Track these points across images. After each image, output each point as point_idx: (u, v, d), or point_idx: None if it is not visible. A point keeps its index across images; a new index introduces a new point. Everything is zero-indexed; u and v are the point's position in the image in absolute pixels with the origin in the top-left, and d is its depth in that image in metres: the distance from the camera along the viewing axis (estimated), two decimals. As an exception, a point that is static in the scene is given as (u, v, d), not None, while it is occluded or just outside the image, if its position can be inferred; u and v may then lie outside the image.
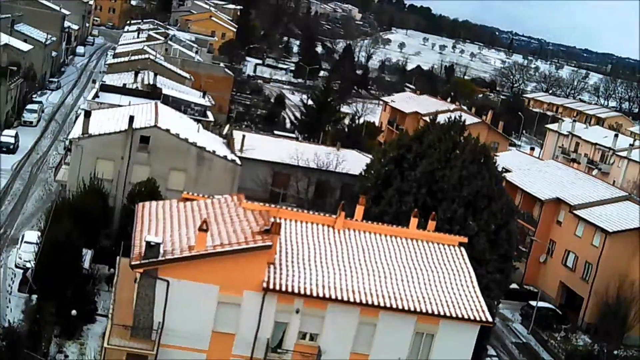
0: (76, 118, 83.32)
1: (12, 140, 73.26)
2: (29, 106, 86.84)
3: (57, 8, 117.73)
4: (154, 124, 56.26)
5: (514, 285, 64.74)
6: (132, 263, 34.73)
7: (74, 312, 43.04)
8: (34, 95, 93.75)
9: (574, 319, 63.14)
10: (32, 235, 51.73)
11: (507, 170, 59.29)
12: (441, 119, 58.56)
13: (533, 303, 61.82)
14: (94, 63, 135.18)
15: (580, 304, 63.56)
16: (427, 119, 59.00)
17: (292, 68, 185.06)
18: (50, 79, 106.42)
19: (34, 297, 45.28)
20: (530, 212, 70.56)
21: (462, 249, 41.03)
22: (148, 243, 34.57)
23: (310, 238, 38.98)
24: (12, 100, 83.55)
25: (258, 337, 35.54)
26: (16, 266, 50.31)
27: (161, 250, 35.04)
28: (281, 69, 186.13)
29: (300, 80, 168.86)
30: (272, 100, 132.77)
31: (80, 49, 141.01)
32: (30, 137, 78.97)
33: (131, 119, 55.22)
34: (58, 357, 41.39)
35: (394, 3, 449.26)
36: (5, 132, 74.76)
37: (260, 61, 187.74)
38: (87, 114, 56.46)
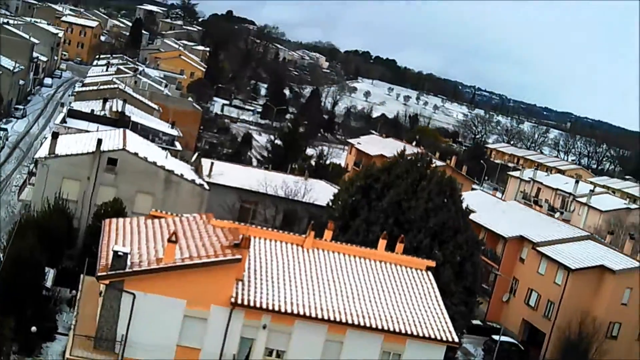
0: (41, 145, 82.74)
1: (-26, 163, 72.34)
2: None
3: (27, 36, 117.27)
4: (122, 147, 56.07)
5: (476, 322, 64.98)
6: (99, 274, 34.27)
7: (33, 328, 42.10)
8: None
9: (535, 355, 63.42)
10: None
11: (471, 211, 60.05)
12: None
13: (496, 337, 62.01)
14: (61, 94, 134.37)
15: (542, 340, 63.95)
16: (395, 153, 59.47)
17: (260, 110, 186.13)
18: (16, 107, 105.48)
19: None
20: (493, 250, 71.23)
21: (430, 273, 41.25)
22: (115, 253, 34.17)
23: (279, 256, 38.94)
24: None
25: (224, 352, 35.14)
26: None
27: (128, 263, 34.70)
28: (248, 110, 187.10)
29: (267, 121, 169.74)
30: (239, 139, 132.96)
31: (47, 81, 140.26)
32: (-5, 161, 77.97)
33: (99, 141, 55.01)
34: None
35: (360, 54, 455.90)
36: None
37: (227, 102, 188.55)
38: (55, 135, 56.09)
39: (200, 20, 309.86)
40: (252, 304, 34.85)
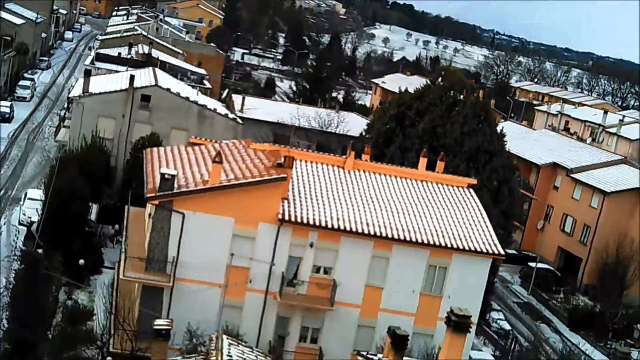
0: (71, 89, 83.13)
1: (7, 110, 72.91)
2: (22, 82, 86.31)
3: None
4: (154, 83, 56.15)
5: (511, 251, 65.16)
6: (148, 195, 34.62)
7: (81, 261, 42.77)
8: (26, 73, 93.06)
9: (572, 281, 63.64)
10: (35, 193, 51.41)
11: (504, 135, 59.81)
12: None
13: (532, 264, 62.28)
14: (82, 47, 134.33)
15: (578, 268, 64.10)
16: (427, 81, 59.20)
17: (279, 57, 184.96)
18: (40, 58, 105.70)
19: (40, 250, 44.92)
20: (527, 179, 71.04)
21: (471, 190, 41.28)
22: (163, 175, 34.45)
23: (321, 176, 39.09)
24: (4, 75, 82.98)
25: (272, 270, 35.53)
26: (20, 223, 49.90)
27: (175, 185, 34.98)
28: (268, 57, 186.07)
29: (288, 67, 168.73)
30: (262, 85, 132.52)
31: (68, 34, 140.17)
32: (25, 110, 78.45)
33: (132, 77, 55.11)
34: (68, 303, 41.09)
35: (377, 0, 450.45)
36: (0, 102, 74.30)
37: (247, 50, 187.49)
38: (87, 73, 56.31)
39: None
40: (299, 220, 35.12)
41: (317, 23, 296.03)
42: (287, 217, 35.04)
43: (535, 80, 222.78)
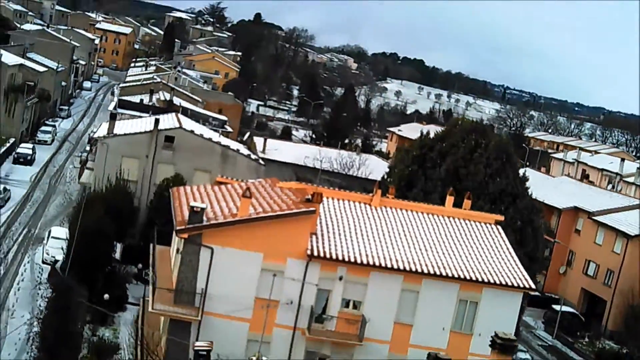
0: (95, 130, 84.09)
1: (29, 152, 73.75)
2: (43, 128, 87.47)
3: (67, 40, 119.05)
4: (178, 126, 56.70)
5: (534, 293, 64.35)
6: (177, 228, 34.65)
7: (106, 296, 42.57)
8: (47, 120, 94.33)
9: (596, 325, 62.70)
10: (59, 231, 51.58)
11: (527, 178, 59.85)
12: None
13: (556, 307, 61.48)
14: (101, 97, 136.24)
15: (602, 311, 63.22)
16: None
17: (294, 109, 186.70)
18: (61, 107, 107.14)
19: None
20: (548, 223, 70.54)
21: (499, 227, 41.09)
22: (192, 208, 34.53)
23: (348, 213, 39.08)
24: (26, 121, 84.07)
25: (301, 304, 35.24)
26: (43, 262, 49.92)
27: (204, 219, 35.00)
28: (283, 109, 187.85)
29: (303, 118, 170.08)
30: (278, 134, 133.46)
31: (87, 84, 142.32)
32: (46, 153, 79.24)
33: (157, 120, 55.67)
34: (92, 339, 40.79)
35: (388, 55, 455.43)
36: (23, 145, 75.32)
37: (262, 102, 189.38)
38: (113, 116, 56.97)
39: (229, 25, 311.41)
40: (327, 255, 34.98)
41: (330, 77, 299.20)
42: (315, 253, 34.90)
43: (550, 131, 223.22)
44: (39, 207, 61.22)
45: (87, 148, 79.80)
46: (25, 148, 74.07)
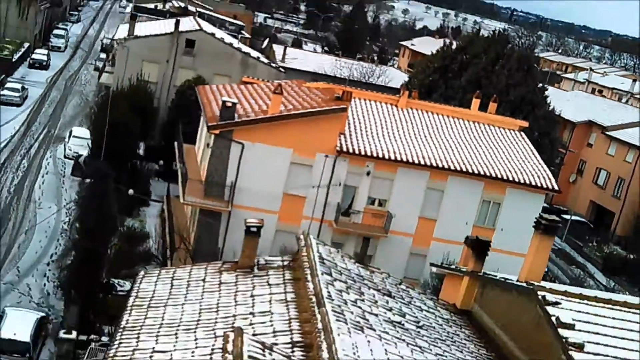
0: (102, 46, 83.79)
1: (45, 57, 73.60)
2: (56, 31, 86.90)
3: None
4: (198, 28, 56.44)
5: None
6: (209, 124, 35.06)
7: (130, 191, 43.30)
8: (58, 24, 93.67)
9: (603, 233, 63.94)
10: (80, 131, 52.07)
11: (546, 88, 60.04)
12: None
13: (565, 217, 62.56)
14: (109, 5, 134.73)
15: (610, 222, 64.34)
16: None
17: (301, 22, 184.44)
18: (71, 12, 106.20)
19: (88, 181, 45.59)
20: (560, 138, 70.95)
21: (523, 133, 41.58)
22: (224, 103, 34.87)
23: (375, 113, 39.48)
24: (39, 25, 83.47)
25: (328, 200, 36.04)
26: (65, 157, 50.65)
27: (235, 115, 35.40)
28: (291, 22, 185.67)
29: (312, 31, 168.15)
30: (289, 45, 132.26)
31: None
32: (60, 59, 79.00)
33: (177, 21, 55.35)
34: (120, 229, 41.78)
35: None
36: (37, 50, 75.00)
37: (269, 15, 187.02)
38: (133, 17, 56.53)
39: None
40: (356, 151, 35.58)
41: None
42: (344, 149, 35.48)
43: (560, 51, 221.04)
44: (56, 107, 61.53)
45: (101, 55, 79.78)
46: (40, 54, 73.99)
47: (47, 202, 43.06)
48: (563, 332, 17.90)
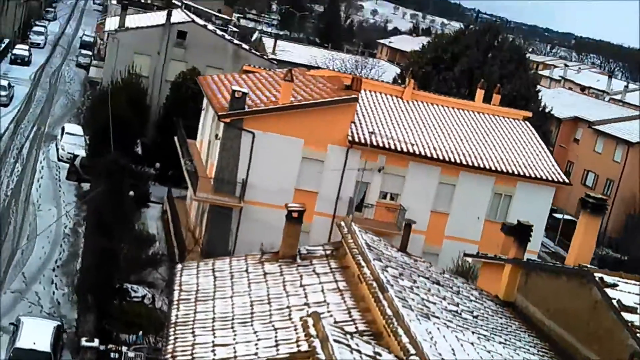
0: (81, 42, 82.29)
1: (26, 53, 72.07)
2: (35, 28, 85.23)
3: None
4: (190, 20, 55.55)
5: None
6: (219, 113, 34.31)
7: (131, 193, 42.16)
8: (36, 21, 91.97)
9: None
10: (73, 128, 50.72)
11: (537, 82, 60.36)
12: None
13: (557, 216, 62.66)
14: (84, 2, 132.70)
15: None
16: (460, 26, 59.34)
17: (274, 23, 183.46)
18: (47, 9, 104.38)
19: (84, 185, 44.36)
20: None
21: (528, 123, 41.50)
22: (234, 93, 34.15)
23: (382, 104, 39.05)
24: (18, 21, 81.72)
25: (340, 195, 35.47)
26: (59, 159, 48.93)
27: (245, 106, 34.66)
28: (264, 22, 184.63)
29: (286, 32, 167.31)
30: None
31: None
32: (40, 56, 77.32)
33: (169, 12, 54.40)
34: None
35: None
36: (18, 46, 73.42)
37: (241, 15, 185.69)
38: (125, 7, 55.32)
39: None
40: (368, 142, 35.07)
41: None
42: (356, 140, 34.95)
43: (530, 50, 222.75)
44: (44, 107, 59.88)
45: (82, 52, 78.30)
46: (21, 49, 72.36)
47: (46, 204, 41.50)
48: (626, 315, 17.38)
